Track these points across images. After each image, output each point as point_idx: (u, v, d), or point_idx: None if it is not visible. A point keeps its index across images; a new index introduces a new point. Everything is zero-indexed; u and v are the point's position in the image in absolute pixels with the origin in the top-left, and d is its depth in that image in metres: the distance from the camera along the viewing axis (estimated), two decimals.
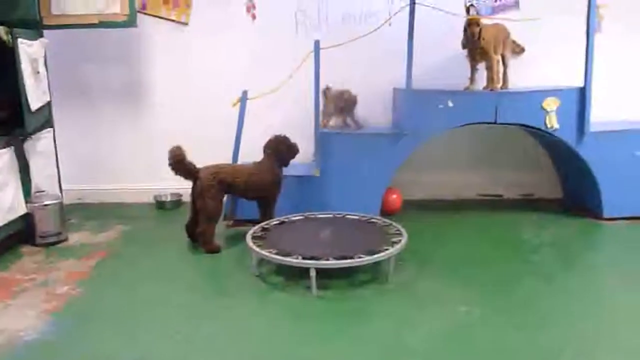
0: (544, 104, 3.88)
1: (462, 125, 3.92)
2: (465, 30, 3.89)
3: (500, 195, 4.78)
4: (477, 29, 3.82)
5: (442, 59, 4.43)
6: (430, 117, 3.89)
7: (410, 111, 3.90)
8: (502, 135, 4.53)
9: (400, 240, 3.14)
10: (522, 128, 4.07)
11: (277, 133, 3.74)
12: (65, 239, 3.73)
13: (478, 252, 3.48)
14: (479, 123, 3.91)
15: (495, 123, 3.90)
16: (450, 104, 3.88)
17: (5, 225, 3.40)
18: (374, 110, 4.45)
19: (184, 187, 4.58)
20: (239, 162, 3.93)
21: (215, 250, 3.45)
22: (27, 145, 3.68)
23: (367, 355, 2.31)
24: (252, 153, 3.89)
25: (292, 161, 3.80)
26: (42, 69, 3.79)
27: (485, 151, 4.68)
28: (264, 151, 3.69)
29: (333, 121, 4.11)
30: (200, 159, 4.09)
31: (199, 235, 3.47)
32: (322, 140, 3.94)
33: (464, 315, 2.64)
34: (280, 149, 3.68)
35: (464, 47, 3.97)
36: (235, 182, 3.53)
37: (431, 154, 4.50)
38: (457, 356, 2.30)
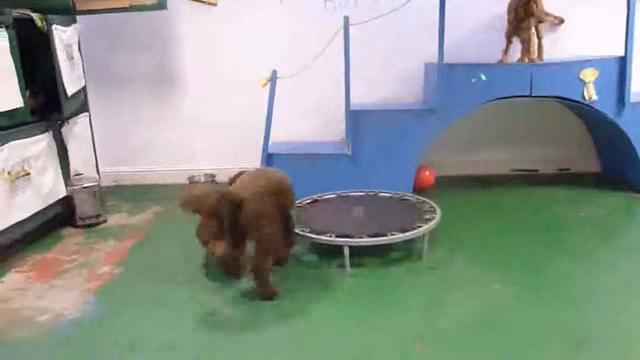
0: (582, 75, 3.77)
1: (496, 99, 3.84)
2: (517, 5, 3.80)
3: (536, 170, 4.68)
4: (535, 5, 3.74)
5: (472, 32, 4.34)
6: (463, 92, 3.82)
7: (442, 86, 3.83)
8: (537, 108, 4.42)
9: (433, 218, 3.12)
10: (557, 101, 3.96)
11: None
12: (104, 221, 3.82)
13: (512, 229, 3.43)
14: (514, 97, 3.83)
15: (530, 96, 3.81)
16: (484, 78, 3.80)
17: (47, 208, 3.50)
18: (405, 87, 4.40)
19: (217, 167, 4.67)
20: (270, 143, 3.94)
21: (273, 296, 2.64)
22: (65, 130, 3.76)
23: (400, 333, 2.32)
24: (284, 135, 3.91)
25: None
26: (76, 54, 3.86)
27: (520, 125, 4.58)
28: None
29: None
30: (231, 141, 4.16)
31: (255, 272, 2.63)
32: (353, 118, 3.91)
33: (497, 294, 2.62)
34: None
35: (515, 21, 3.87)
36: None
37: (464, 130, 4.42)
38: (490, 335, 2.28)
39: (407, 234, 2.94)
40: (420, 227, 3.00)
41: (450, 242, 3.21)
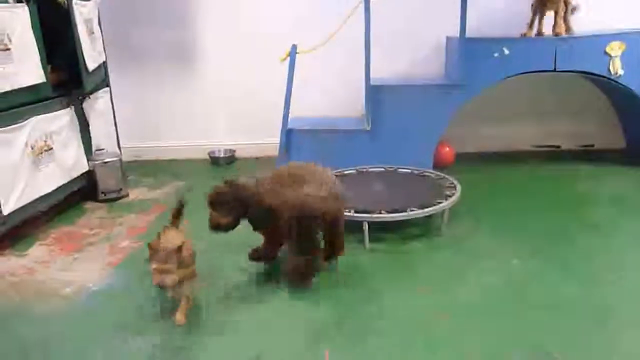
0: (608, 49, 3.68)
1: (519, 74, 3.77)
2: None
3: (558, 146, 4.62)
4: None
5: (497, 4, 4.25)
6: (485, 67, 3.76)
7: (464, 61, 3.77)
8: (561, 83, 4.33)
9: (453, 194, 3.10)
10: (582, 75, 3.88)
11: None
12: (126, 195, 3.87)
13: (533, 206, 3.40)
14: (537, 72, 3.75)
15: (554, 71, 3.74)
16: (506, 52, 3.73)
17: (69, 182, 3.55)
18: (426, 61, 4.34)
19: (237, 143, 4.68)
20: (289, 119, 3.93)
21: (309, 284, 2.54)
22: (86, 105, 3.79)
23: (419, 308, 2.33)
24: (303, 110, 3.88)
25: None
26: (96, 29, 3.87)
27: (542, 101, 4.50)
28: None
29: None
30: (251, 117, 4.14)
31: (294, 270, 2.53)
32: (373, 93, 3.87)
33: (517, 269, 2.61)
34: None
35: None
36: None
37: (485, 105, 4.36)
38: (510, 310, 2.28)
39: (426, 210, 2.93)
40: (440, 203, 2.99)
41: (470, 219, 3.20)
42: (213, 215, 2.51)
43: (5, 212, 2.95)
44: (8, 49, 2.96)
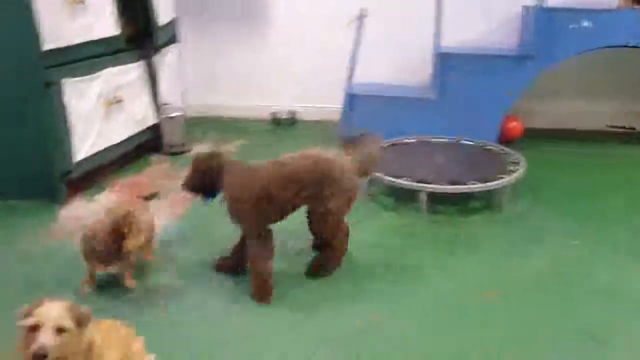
0: None
1: (597, 49, 3.57)
2: None
3: (633, 128, 4.37)
4: None
5: None
6: (560, 39, 3.58)
7: (539, 31, 3.59)
8: None
9: (517, 170, 3.01)
10: None
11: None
12: (189, 150, 3.97)
13: (600, 187, 3.27)
14: (617, 47, 3.54)
15: (637, 47, 3.51)
16: (586, 24, 3.53)
17: (137, 134, 3.67)
18: (500, 31, 4.17)
19: (299, 105, 4.69)
20: (353, 90, 3.89)
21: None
22: (156, 60, 3.88)
23: (470, 282, 2.31)
24: (368, 76, 3.82)
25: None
26: None
27: (620, 78, 4.26)
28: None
29: None
30: (315, 80, 4.11)
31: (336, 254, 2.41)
32: (441, 60, 3.77)
33: (577, 250, 2.53)
34: None
35: None
36: None
37: (558, 79, 4.17)
38: (564, 291, 2.23)
39: (488, 184, 2.87)
40: (502, 178, 2.91)
41: (532, 197, 3.10)
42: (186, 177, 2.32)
43: (78, 159, 3.09)
44: (82, 2, 3.05)
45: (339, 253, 2.37)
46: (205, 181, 2.27)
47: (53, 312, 1.31)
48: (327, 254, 2.37)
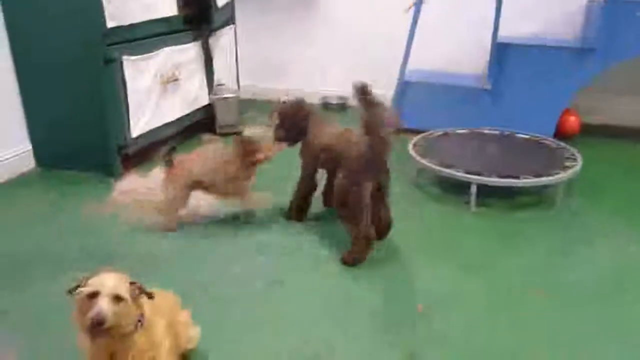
0: None
1: None
2: None
3: None
4: None
5: None
6: (628, 32, 3.41)
7: (605, 22, 3.44)
8: None
9: (573, 166, 2.92)
10: None
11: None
12: (240, 132, 4.01)
13: None
14: None
15: None
16: None
17: (191, 113, 3.75)
18: (560, 21, 4.02)
19: (350, 91, 4.66)
20: (407, 71, 3.84)
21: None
22: (212, 41, 3.94)
23: (514, 279, 2.26)
24: (422, 63, 3.76)
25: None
26: None
27: None
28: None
29: None
30: (367, 65, 4.07)
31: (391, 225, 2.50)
32: (499, 50, 3.67)
33: (633, 256, 2.43)
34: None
35: None
36: None
37: (622, 75, 3.98)
38: (614, 298, 2.15)
39: (541, 179, 2.79)
40: (557, 174, 2.82)
41: (588, 196, 3.00)
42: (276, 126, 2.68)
43: (134, 135, 3.19)
44: None
45: (357, 238, 2.30)
46: (293, 128, 2.61)
47: (110, 281, 1.35)
48: (352, 241, 2.34)
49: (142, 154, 3.34)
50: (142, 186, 3.06)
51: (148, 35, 3.23)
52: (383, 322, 2.00)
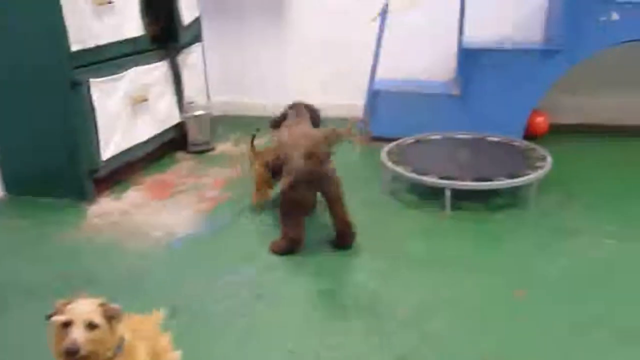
0: None
1: (628, 42, 3.49)
2: None
3: None
4: None
5: None
6: (589, 32, 3.50)
7: (567, 24, 3.53)
8: None
9: (544, 166, 2.97)
10: None
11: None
12: (213, 149, 4.00)
13: (633, 185, 3.19)
14: None
15: None
16: (615, 17, 3.45)
17: (162, 132, 3.71)
18: (525, 24, 4.11)
19: (324, 102, 4.67)
20: (377, 80, 3.88)
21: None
22: (180, 59, 3.91)
23: (495, 280, 2.28)
24: (392, 72, 3.80)
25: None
26: None
27: None
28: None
29: None
30: (338, 76, 4.11)
31: (352, 232, 2.55)
32: (466, 56, 3.73)
33: (609, 250, 2.48)
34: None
35: None
36: None
37: (587, 74, 4.07)
38: (592, 291, 2.19)
39: (514, 180, 2.83)
40: (528, 174, 2.87)
41: (560, 194, 3.05)
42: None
43: (105, 158, 3.14)
44: (111, 2, 3.10)
45: (282, 237, 2.51)
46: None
47: (84, 308, 1.33)
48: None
49: (115, 176, 3.30)
50: (116, 209, 3.02)
51: (115, 57, 3.20)
52: (366, 328, 2.00)
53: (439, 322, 2.02)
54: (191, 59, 4.05)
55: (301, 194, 2.42)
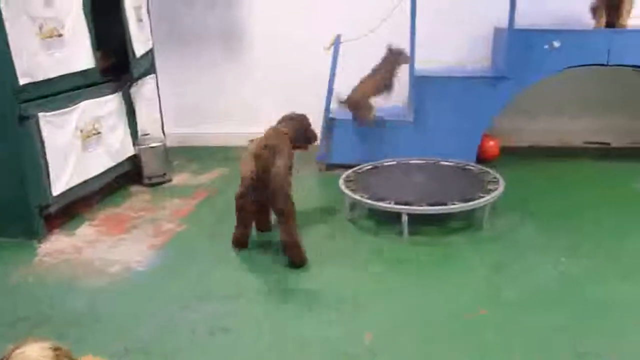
0: None
1: (569, 68, 3.65)
2: None
3: (608, 144, 4.46)
4: None
5: None
6: (533, 59, 3.66)
7: (512, 52, 3.68)
8: (613, 78, 4.18)
9: (496, 188, 3.05)
10: (636, 70, 3.73)
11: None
12: (170, 180, 3.94)
13: (582, 203, 3.31)
14: (588, 65, 3.63)
15: (606, 65, 3.61)
16: (557, 45, 3.62)
17: (116, 166, 3.64)
18: (473, 52, 4.25)
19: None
20: (331, 114, 3.93)
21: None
22: (133, 91, 3.87)
23: (458, 302, 2.30)
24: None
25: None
26: (144, 16, 3.95)
27: (594, 95, 4.35)
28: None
29: None
30: (296, 104, 4.11)
31: (293, 246, 2.62)
32: (418, 83, 3.82)
33: (564, 267, 2.54)
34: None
35: None
36: None
37: (533, 99, 4.25)
38: (555, 307, 2.24)
39: (468, 203, 2.89)
40: (482, 197, 2.94)
41: (514, 215, 3.13)
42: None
43: (56, 193, 3.05)
44: (61, 35, 3.06)
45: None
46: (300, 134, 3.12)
47: (33, 354, 1.29)
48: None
49: (68, 211, 3.21)
50: (69, 245, 2.93)
51: (65, 90, 3.14)
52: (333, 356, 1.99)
53: (402, 347, 2.02)
54: (145, 90, 4.02)
55: (246, 200, 2.73)
